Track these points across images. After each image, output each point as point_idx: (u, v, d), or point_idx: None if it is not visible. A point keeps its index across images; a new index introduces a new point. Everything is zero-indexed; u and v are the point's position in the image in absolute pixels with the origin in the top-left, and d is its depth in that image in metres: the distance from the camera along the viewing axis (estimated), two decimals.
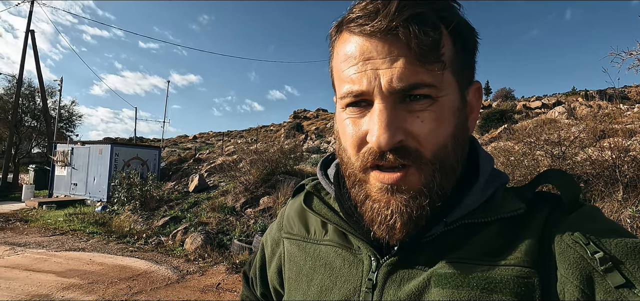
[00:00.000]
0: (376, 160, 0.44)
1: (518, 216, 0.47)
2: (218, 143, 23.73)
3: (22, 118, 21.13)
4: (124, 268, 5.39)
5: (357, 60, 0.44)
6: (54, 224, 8.53)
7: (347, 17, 0.46)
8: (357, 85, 0.44)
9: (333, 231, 0.58)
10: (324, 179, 0.62)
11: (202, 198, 9.31)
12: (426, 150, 0.44)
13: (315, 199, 0.62)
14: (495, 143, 9.17)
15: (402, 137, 0.43)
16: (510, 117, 14.16)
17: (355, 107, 0.46)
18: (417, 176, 0.44)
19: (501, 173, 0.53)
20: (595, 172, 5.10)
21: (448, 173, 0.46)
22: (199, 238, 6.38)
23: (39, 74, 18.99)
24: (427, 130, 0.43)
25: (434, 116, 0.43)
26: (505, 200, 0.49)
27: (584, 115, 10.78)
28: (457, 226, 0.48)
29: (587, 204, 0.47)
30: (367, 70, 0.43)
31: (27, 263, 5.55)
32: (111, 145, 12.29)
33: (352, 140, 0.47)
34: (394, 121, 0.42)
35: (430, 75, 0.42)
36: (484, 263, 0.44)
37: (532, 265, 0.43)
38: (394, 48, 0.42)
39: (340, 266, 0.54)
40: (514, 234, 0.46)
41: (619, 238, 0.40)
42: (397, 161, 0.43)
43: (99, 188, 11.91)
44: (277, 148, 10.46)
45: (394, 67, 0.42)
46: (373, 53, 0.43)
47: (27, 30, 17.57)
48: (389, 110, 0.42)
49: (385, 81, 0.42)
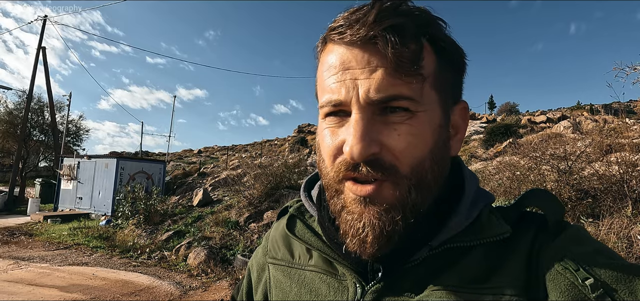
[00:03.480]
0: (349, 171, 0.43)
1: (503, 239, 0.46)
2: (223, 158, 23.82)
3: (30, 133, 21.42)
4: (127, 283, 5.36)
5: (337, 70, 0.44)
6: (58, 238, 8.54)
7: (330, 27, 0.46)
8: (336, 94, 0.44)
9: (318, 257, 0.56)
10: (308, 201, 0.60)
11: (206, 213, 9.29)
12: (402, 166, 0.42)
13: (298, 223, 0.61)
14: (500, 157, 9.10)
15: (376, 149, 0.42)
16: (515, 132, 14.08)
17: (335, 116, 0.45)
18: (391, 191, 0.43)
19: (486, 193, 0.52)
20: (603, 187, 5.02)
21: (424, 191, 0.44)
22: (202, 253, 6.34)
23: (48, 89, 19.38)
24: (404, 145, 0.42)
25: (411, 130, 0.42)
26: (491, 222, 0.47)
27: (590, 129, 10.70)
28: (442, 250, 0.46)
29: (572, 225, 0.46)
30: (346, 80, 0.43)
31: (30, 277, 5.54)
32: (117, 159, 12.39)
33: (329, 150, 0.46)
34: (369, 132, 0.41)
35: (409, 88, 0.41)
36: (471, 291, 0.43)
37: (519, 293, 0.41)
38: (373, 58, 0.42)
39: (325, 293, 0.52)
40: (500, 258, 0.45)
41: (608, 261, 0.40)
42: (370, 174, 0.42)
43: (104, 202, 11.95)
44: (281, 163, 10.47)
45: (372, 78, 0.41)
46: (352, 63, 0.43)
47: (39, 47, 18.00)
48: (365, 121, 0.42)
49: (362, 91, 0.42)
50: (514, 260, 0.44)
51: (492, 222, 0.48)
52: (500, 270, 0.44)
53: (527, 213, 0.50)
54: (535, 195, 0.49)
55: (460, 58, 0.49)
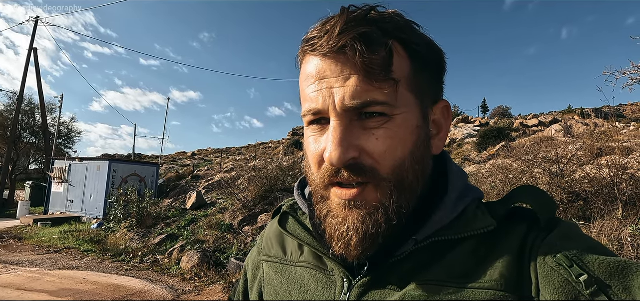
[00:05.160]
0: (333, 177, 0.45)
1: (491, 233, 0.46)
2: (217, 160, 23.69)
3: (21, 135, 21.11)
4: (118, 288, 5.29)
5: (314, 80, 0.46)
6: (48, 242, 8.40)
7: (304, 39, 0.48)
8: (314, 103, 0.45)
9: (308, 253, 0.57)
10: (300, 199, 0.62)
11: (200, 216, 9.22)
12: (382, 168, 0.44)
13: (290, 219, 0.62)
14: (493, 160, 9.18)
15: (355, 154, 0.43)
16: (508, 135, 14.22)
17: (316, 124, 0.47)
18: (374, 193, 0.44)
19: (475, 188, 0.52)
20: (593, 190, 5.09)
21: (406, 191, 0.45)
22: (195, 256, 6.29)
23: (40, 90, 19.12)
24: (383, 148, 0.44)
25: (389, 133, 0.44)
26: (476, 216, 0.48)
27: (581, 133, 10.86)
28: (427, 244, 0.47)
29: (565, 221, 0.46)
30: (323, 89, 0.45)
31: (19, 282, 5.44)
32: (109, 162, 12.25)
33: (313, 157, 0.48)
34: (346, 138, 0.43)
35: (382, 93, 0.43)
36: (457, 285, 0.43)
37: (507, 288, 0.42)
38: (345, 67, 0.43)
39: (314, 288, 0.53)
40: (488, 253, 0.45)
41: (601, 257, 0.40)
42: (352, 178, 0.44)
43: (96, 205, 11.80)
44: (275, 166, 10.44)
45: (346, 86, 0.43)
46: (327, 72, 0.44)
47: (30, 48, 17.78)
48: (342, 128, 0.43)
49: (338, 99, 0.43)
50: (503, 256, 0.44)
51: (478, 216, 0.48)
52: (488, 264, 0.44)
53: (519, 209, 0.50)
54: (525, 191, 0.49)
55: (438, 58, 0.50)
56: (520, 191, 0.50)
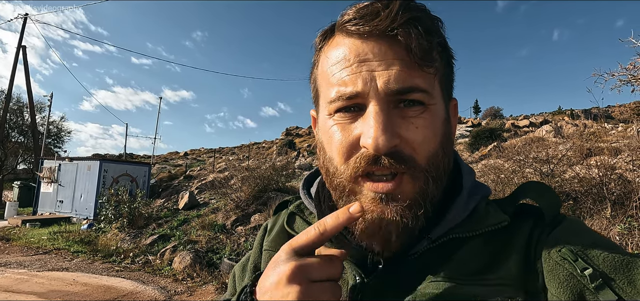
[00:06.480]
0: (370, 165, 0.42)
1: (500, 230, 0.46)
2: (209, 160, 23.52)
3: (8, 134, 20.70)
4: (109, 289, 5.21)
5: (351, 62, 0.43)
6: (37, 243, 8.25)
7: (340, 20, 0.46)
8: (351, 87, 0.43)
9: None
10: (307, 198, 0.61)
11: (192, 216, 9.14)
12: (420, 158, 0.43)
13: (298, 219, 0.61)
14: (485, 161, 9.27)
15: (398, 141, 0.42)
16: (500, 135, 14.39)
17: (345, 112, 0.45)
18: (411, 184, 0.43)
19: (483, 185, 0.53)
20: (583, 190, 5.17)
21: (438, 182, 0.45)
22: (188, 257, 6.23)
23: (28, 89, 18.78)
24: (422, 137, 0.43)
25: (427, 123, 0.43)
26: (488, 213, 0.48)
27: (571, 133, 11.02)
28: (441, 242, 0.47)
29: (569, 216, 0.47)
30: (362, 72, 0.43)
31: (7, 284, 5.33)
32: (100, 162, 12.08)
33: (340, 147, 0.45)
34: (391, 124, 0.41)
35: (425, 80, 0.43)
36: (469, 283, 0.43)
37: (516, 284, 0.42)
38: (391, 50, 0.42)
39: None
40: (497, 250, 0.45)
41: (606, 251, 0.40)
42: (392, 167, 0.42)
43: (86, 206, 11.62)
44: (269, 165, 10.41)
45: (390, 69, 0.42)
46: (369, 55, 0.43)
47: (19, 46, 17.46)
48: (385, 113, 0.41)
49: (381, 82, 0.41)
50: (511, 252, 0.44)
51: (489, 213, 0.48)
52: (498, 261, 0.44)
53: (524, 205, 0.50)
54: (531, 188, 0.50)
55: (452, 56, 0.51)
56: (526, 187, 0.50)
